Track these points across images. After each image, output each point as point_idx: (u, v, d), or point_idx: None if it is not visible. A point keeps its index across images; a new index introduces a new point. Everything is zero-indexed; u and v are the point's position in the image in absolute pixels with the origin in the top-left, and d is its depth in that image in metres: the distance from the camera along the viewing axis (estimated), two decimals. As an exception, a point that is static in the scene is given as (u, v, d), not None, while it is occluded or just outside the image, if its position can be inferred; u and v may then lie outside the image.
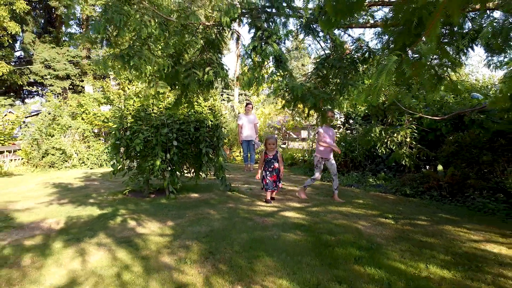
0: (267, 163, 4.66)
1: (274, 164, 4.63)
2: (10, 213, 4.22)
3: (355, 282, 2.22)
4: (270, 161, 4.64)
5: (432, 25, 1.22)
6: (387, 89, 4.33)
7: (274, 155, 4.66)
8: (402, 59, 1.43)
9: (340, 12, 1.35)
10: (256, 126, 7.27)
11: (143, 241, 3.08)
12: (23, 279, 2.36)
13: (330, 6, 1.26)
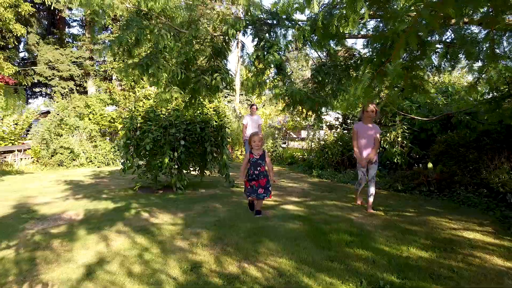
0: (252, 164, 3.88)
1: (262, 166, 3.88)
2: (31, 207, 4.61)
3: (345, 260, 2.60)
4: (256, 162, 3.88)
5: (395, 52, 1.59)
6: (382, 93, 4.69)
7: (261, 155, 3.92)
8: (374, 76, 1.80)
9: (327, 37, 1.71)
10: (260, 126, 7.56)
11: (158, 229, 3.47)
12: (58, 258, 2.74)
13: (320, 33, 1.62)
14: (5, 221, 3.90)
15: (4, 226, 3.69)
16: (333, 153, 7.30)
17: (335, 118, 8.85)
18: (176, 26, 3.45)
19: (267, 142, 10.56)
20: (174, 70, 3.15)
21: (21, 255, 2.82)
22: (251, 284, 2.24)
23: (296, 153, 9.57)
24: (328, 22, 1.45)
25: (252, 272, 2.42)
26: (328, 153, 7.40)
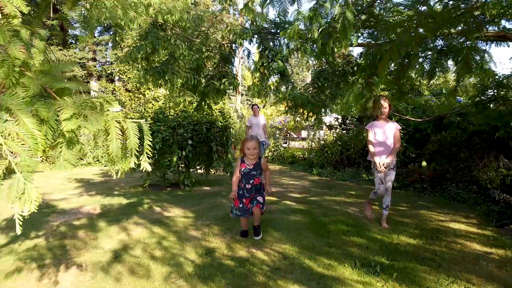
0: (244, 176, 3.08)
1: (256, 178, 3.08)
2: (49, 202, 4.95)
3: (342, 246, 2.94)
4: (249, 174, 3.07)
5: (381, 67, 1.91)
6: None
7: (256, 164, 3.09)
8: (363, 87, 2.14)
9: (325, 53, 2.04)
10: (264, 127, 7.45)
11: (172, 221, 3.81)
12: (85, 245, 3.08)
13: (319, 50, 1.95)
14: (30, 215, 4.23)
15: (29, 219, 4.00)
16: (333, 152, 7.65)
17: (335, 118, 9.19)
18: (188, 35, 3.80)
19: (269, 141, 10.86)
20: (188, 76, 3.50)
21: (52, 243, 3.16)
22: (260, 265, 2.58)
23: (297, 152, 9.92)
24: (325, 43, 1.78)
25: (260, 256, 2.77)
26: (327, 152, 7.75)
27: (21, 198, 0.83)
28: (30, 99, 0.76)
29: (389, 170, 3.46)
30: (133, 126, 0.98)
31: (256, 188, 3.12)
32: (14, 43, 0.76)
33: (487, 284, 2.23)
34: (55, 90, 0.80)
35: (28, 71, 0.74)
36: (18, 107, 0.75)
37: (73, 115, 0.77)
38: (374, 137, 3.51)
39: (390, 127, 3.47)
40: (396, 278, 2.31)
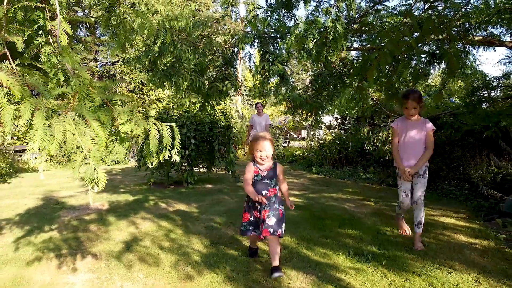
0: (255, 185, 2.47)
1: (271, 188, 2.47)
2: (58, 199, 5.18)
3: (337, 238, 3.17)
4: (261, 183, 2.47)
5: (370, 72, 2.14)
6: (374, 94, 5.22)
7: (270, 170, 2.49)
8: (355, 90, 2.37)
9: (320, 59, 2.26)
10: (267, 127, 7.21)
11: (177, 216, 4.04)
12: (98, 237, 3.31)
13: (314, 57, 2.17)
14: (41, 211, 4.46)
15: (42, 214, 4.26)
16: (331, 151, 7.87)
17: (334, 118, 9.41)
18: (192, 40, 4.02)
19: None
20: (193, 78, 3.72)
21: (66, 235, 3.39)
22: (261, 254, 2.81)
23: (296, 151, 10.14)
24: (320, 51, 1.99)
25: (261, 246, 2.99)
26: (326, 151, 7.98)
27: (92, 179, 1.04)
28: (94, 108, 0.97)
29: (417, 177, 2.83)
30: (167, 128, 1.20)
31: (271, 202, 2.42)
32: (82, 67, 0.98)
33: (468, 269, 2.45)
34: (110, 101, 1.01)
35: (91, 87, 0.95)
36: (88, 114, 0.96)
37: (127, 121, 0.98)
38: (400, 137, 2.91)
39: (421, 127, 2.84)
40: (385, 264, 2.53)
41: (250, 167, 2.51)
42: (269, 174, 2.49)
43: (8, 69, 0.90)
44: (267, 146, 2.44)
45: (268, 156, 2.46)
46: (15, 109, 0.85)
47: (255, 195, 2.37)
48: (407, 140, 2.88)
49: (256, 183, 2.48)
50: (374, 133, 6.02)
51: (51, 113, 0.92)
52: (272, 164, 2.52)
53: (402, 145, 2.92)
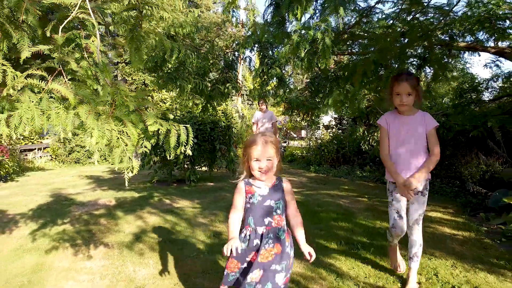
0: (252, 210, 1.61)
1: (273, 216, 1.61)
2: (67, 196, 5.45)
3: (331, 229, 3.44)
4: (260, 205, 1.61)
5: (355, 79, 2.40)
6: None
7: (274, 187, 1.66)
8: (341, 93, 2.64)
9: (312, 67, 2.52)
10: (275, 125, 6.23)
11: (181, 211, 4.31)
12: (109, 230, 3.58)
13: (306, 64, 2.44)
14: (52, 206, 4.74)
15: (53, 210, 4.53)
16: (329, 151, 8.15)
17: (334, 118, 9.68)
18: (195, 45, 4.30)
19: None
20: (196, 81, 3.99)
21: (78, 228, 3.66)
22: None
23: (295, 151, 10.42)
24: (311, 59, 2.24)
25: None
26: (324, 151, 8.25)
27: (128, 167, 1.30)
28: (128, 113, 1.22)
29: (415, 194, 2.09)
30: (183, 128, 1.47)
31: (274, 238, 1.58)
32: (118, 81, 1.24)
33: (447, 256, 2.72)
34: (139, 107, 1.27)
35: (126, 96, 1.21)
36: (124, 117, 1.21)
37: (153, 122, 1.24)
38: (391, 139, 2.14)
39: (419, 122, 2.09)
40: (372, 252, 2.80)
41: (238, 189, 1.63)
42: (272, 192, 1.60)
43: (64, 83, 1.16)
44: (269, 151, 1.56)
45: (271, 168, 1.57)
46: (74, 113, 1.12)
47: (229, 238, 1.51)
48: (402, 141, 2.08)
49: (252, 209, 1.57)
50: (369, 133, 6.28)
51: (97, 116, 1.17)
52: (276, 180, 1.65)
53: (395, 149, 2.11)
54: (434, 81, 3.00)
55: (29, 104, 1.05)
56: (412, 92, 2.07)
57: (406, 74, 2.13)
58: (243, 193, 1.65)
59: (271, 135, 1.68)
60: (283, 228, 1.63)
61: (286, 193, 1.69)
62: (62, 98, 1.15)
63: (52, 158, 10.08)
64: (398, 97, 2.10)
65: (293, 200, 1.71)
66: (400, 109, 2.14)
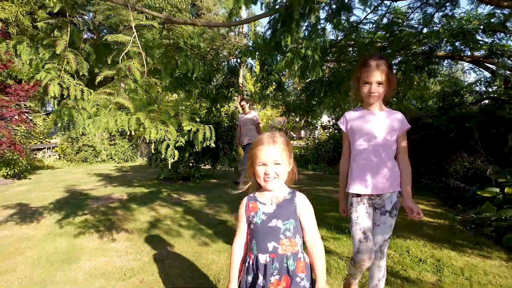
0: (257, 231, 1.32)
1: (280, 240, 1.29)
2: (81, 191, 5.93)
3: (323, 218, 3.92)
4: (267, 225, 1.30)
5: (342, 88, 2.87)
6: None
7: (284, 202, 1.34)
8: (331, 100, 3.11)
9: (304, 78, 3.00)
10: (258, 127, 6.06)
11: (189, 204, 4.79)
12: (126, 219, 4.07)
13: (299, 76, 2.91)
14: (70, 200, 5.22)
15: (72, 203, 5.01)
16: (326, 150, 8.63)
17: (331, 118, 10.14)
18: (201, 53, 4.79)
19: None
20: (203, 86, 4.47)
21: (99, 218, 4.14)
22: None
23: (294, 150, 10.92)
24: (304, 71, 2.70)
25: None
26: (321, 150, 8.73)
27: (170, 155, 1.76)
28: (169, 117, 1.69)
29: (380, 214, 1.77)
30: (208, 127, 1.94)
31: (280, 268, 1.28)
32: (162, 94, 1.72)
33: (419, 238, 3.20)
34: (176, 112, 1.74)
35: (168, 106, 1.67)
36: (167, 121, 1.68)
37: (188, 123, 1.70)
38: (354, 141, 1.80)
39: (389, 122, 1.74)
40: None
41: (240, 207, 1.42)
42: (281, 210, 1.32)
43: (124, 97, 1.63)
44: (278, 154, 1.32)
45: (280, 175, 1.33)
46: (136, 117, 1.59)
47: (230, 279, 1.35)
48: (368, 142, 1.73)
49: (255, 231, 1.33)
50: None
51: (150, 120, 1.64)
52: (288, 193, 1.38)
53: (358, 153, 1.77)
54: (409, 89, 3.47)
55: (105, 111, 1.52)
56: (383, 81, 1.68)
57: (377, 57, 1.71)
58: (244, 212, 1.36)
59: (282, 134, 1.39)
60: (294, 255, 1.28)
61: (301, 210, 1.33)
62: (120, 107, 1.62)
63: (60, 157, 10.57)
64: (366, 86, 1.70)
65: (311, 221, 1.35)
66: (368, 101, 1.73)
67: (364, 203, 1.79)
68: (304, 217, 1.35)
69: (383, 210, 1.78)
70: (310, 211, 1.38)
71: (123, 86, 1.76)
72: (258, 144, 1.35)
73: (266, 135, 1.38)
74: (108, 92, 1.60)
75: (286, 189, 1.40)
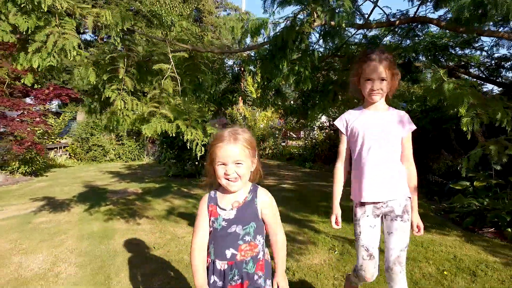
0: (217, 238, 1.30)
1: (240, 245, 1.28)
2: (99, 186, 6.60)
3: (317, 208, 4.60)
4: (227, 231, 1.28)
5: (329, 97, 3.58)
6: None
7: (245, 204, 1.31)
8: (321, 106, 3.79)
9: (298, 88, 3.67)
10: None
11: (198, 196, 5.46)
12: (145, 208, 4.73)
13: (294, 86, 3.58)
14: (90, 194, 5.89)
15: (93, 196, 5.68)
16: (322, 149, 9.30)
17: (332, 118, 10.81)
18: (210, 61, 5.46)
19: (269, 141, 12.49)
20: (212, 92, 5.14)
21: (121, 207, 4.81)
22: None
23: (293, 150, 11.58)
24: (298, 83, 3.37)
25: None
26: (318, 149, 9.40)
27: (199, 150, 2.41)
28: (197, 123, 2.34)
29: (391, 220, 1.64)
30: None
31: (240, 274, 1.27)
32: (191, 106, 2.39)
33: (395, 221, 3.87)
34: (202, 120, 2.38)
35: (198, 115, 2.33)
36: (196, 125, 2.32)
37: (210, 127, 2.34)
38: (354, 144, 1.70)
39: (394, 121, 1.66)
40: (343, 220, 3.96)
41: (200, 207, 1.38)
42: (241, 214, 1.29)
43: (166, 108, 2.30)
44: (239, 152, 1.25)
45: (242, 175, 1.27)
46: (176, 123, 2.23)
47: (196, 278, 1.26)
48: (370, 145, 1.62)
49: (214, 235, 1.31)
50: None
51: (185, 125, 2.28)
52: (249, 193, 1.33)
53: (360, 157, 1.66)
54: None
55: (154, 119, 2.18)
56: (386, 77, 1.57)
57: (380, 51, 1.60)
58: (205, 213, 1.32)
59: (244, 130, 1.31)
60: (253, 258, 1.28)
61: (263, 209, 1.31)
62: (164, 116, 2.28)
63: (70, 156, 11.24)
64: (368, 83, 1.59)
65: (272, 218, 1.34)
66: (370, 99, 1.63)
67: (369, 214, 1.66)
68: (266, 216, 1.32)
69: (393, 215, 1.61)
70: (272, 209, 1.35)
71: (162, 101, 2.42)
72: (217, 141, 1.26)
73: (227, 131, 1.27)
74: (154, 105, 2.25)
75: (247, 188, 1.33)
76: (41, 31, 1.92)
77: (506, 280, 2.36)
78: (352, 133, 1.69)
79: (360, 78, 1.64)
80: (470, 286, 2.31)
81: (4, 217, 4.38)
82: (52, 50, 1.87)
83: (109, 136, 11.27)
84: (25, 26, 1.82)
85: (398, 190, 1.62)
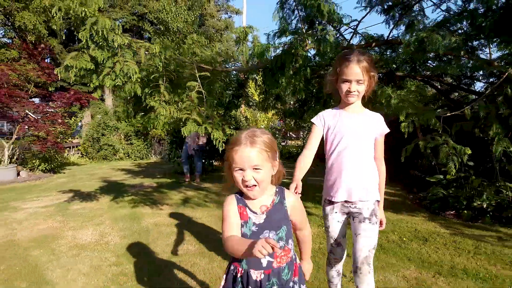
0: None
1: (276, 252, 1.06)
2: (117, 181, 7.40)
3: (313, 199, 5.41)
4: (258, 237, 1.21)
5: (320, 103, 4.35)
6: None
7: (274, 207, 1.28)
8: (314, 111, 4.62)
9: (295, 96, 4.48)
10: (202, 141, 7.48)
11: (208, 189, 6.28)
12: (163, 198, 5.54)
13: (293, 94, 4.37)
14: (111, 187, 6.69)
15: (114, 189, 6.48)
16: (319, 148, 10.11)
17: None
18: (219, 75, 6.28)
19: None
20: (220, 98, 5.95)
21: (141, 198, 5.62)
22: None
23: (292, 149, 12.41)
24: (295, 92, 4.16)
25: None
26: (315, 148, 10.22)
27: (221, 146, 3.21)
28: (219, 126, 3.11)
29: (359, 222, 1.72)
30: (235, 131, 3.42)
31: (279, 283, 1.23)
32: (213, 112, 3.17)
33: (375, 207, 4.69)
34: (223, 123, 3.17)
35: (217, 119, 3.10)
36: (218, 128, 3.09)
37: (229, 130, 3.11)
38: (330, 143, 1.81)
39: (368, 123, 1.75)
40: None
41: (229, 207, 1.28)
42: (272, 219, 1.25)
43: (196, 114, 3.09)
44: (257, 157, 1.19)
45: (261, 182, 1.21)
46: (204, 126, 3.01)
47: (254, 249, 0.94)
48: (345, 145, 1.72)
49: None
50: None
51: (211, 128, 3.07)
52: (275, 195, 1.30)
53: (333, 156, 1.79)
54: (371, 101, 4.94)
55: (190, 123, 2.99)
56: (363, 79, 1.63)
57: (358, 53, 1.64)
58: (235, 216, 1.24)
59: (263, 131, 1.26)
60: (289, 263, 1.27)
61: (292, 212, 1.29)
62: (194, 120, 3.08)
63: (82, 155, 12.04)
64: (345, 84, 1.66)
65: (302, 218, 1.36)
66: (346, 100, 1.71)
67: (337, 211, 1.77)
68: (295, 216, 1.30)
69: (361, 217, 1.68)
70: (301, 211, 1.35)
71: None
72: (234, 144, 1.20)
73: (244, 134, 1.21)
74: (188, 112, 3.06)
75: (272, 190, 1.29)
76: (108, 59, 2.74)
77: (448, 243, 3.19)
78: (327, 132, 1.79)
79: (338, 78, 1.69)
80: (420, 247, 3.13)
81: (43, 205, 5.18)
82: (119, 73, 2.68)
83: (118, 136, 12.06)
84: (101, 57, 2.63)
85: (369, 194, 1.70)
